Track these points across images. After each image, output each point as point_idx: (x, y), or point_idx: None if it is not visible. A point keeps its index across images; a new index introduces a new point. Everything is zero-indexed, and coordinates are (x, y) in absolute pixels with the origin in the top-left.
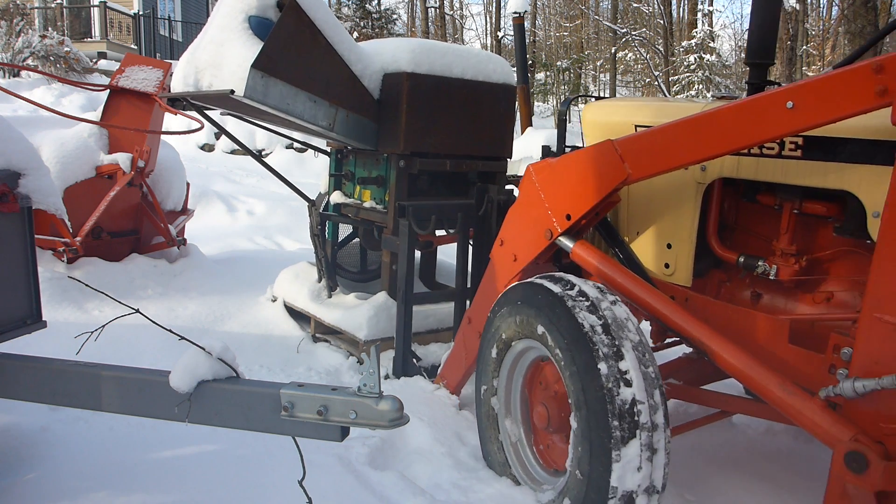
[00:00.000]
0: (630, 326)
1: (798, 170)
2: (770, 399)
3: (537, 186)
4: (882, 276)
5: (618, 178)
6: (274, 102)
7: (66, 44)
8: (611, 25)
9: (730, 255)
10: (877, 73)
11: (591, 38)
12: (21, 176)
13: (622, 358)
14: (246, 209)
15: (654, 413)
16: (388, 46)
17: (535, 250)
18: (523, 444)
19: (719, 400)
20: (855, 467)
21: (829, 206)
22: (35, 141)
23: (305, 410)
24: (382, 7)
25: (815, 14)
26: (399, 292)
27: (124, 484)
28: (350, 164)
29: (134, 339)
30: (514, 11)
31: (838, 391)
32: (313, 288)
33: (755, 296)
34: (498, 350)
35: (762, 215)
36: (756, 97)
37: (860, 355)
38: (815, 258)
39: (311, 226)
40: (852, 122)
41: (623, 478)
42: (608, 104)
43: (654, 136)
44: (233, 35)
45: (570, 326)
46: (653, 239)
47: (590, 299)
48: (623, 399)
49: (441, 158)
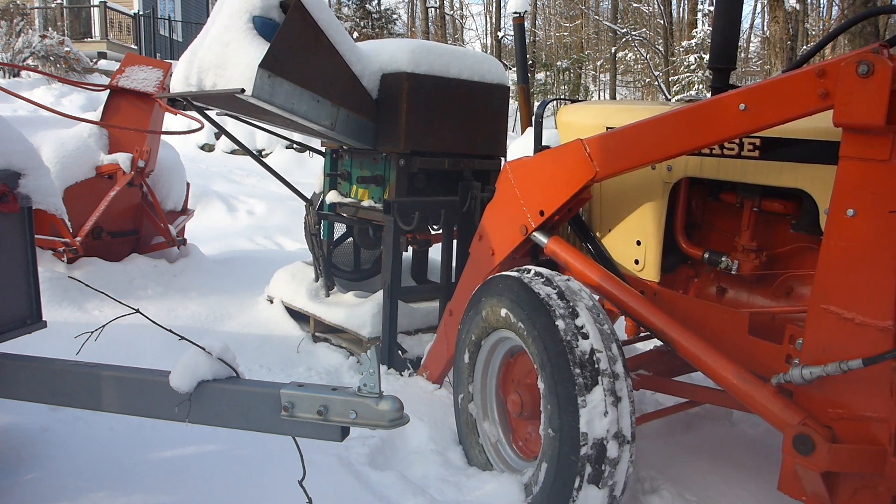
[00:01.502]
0: (584, 295)
1: (756, 169)
2: (726, 386)
3: (513, 183)
4: (827, 268)
5: (587, 175)
6: (280, 102)
7: (66, 44)
8: (611, 25)
9: (696, 252)
10: (819, 77)
11: (591, 38)
12: (21, 176)
13: (577, 316)
14: (246, 209)
15: (613, 363)
16: (387, 47)
17: (511, 245)
18: (503, 443)
19: (686, 390)
20: (802, 450)
21: (786, 203)
22: (35, 141)
23: (305, 410)
24: (382, 7)
25: (815, 14)
26: (384, 285)
27: (124, 484)
28: (346, 164)
29: (134, 339)
30: (514, 11)
31: (788, 378)
32: (311, 287)
33: (720, 290)
34: (469, 353)
35: (725, 213)
36: (712, 100)
37: (809, 344)
38: (774, 254)
39: (309, 225)
40: (804, 124)
41: (591, 423)
42: (581, 107)
43: (620, 136)
44: (237, 35)
45: (528, 298)
46: (623, 236)
47: (545, 276)
48: (582, 350)
49: (439, 157)
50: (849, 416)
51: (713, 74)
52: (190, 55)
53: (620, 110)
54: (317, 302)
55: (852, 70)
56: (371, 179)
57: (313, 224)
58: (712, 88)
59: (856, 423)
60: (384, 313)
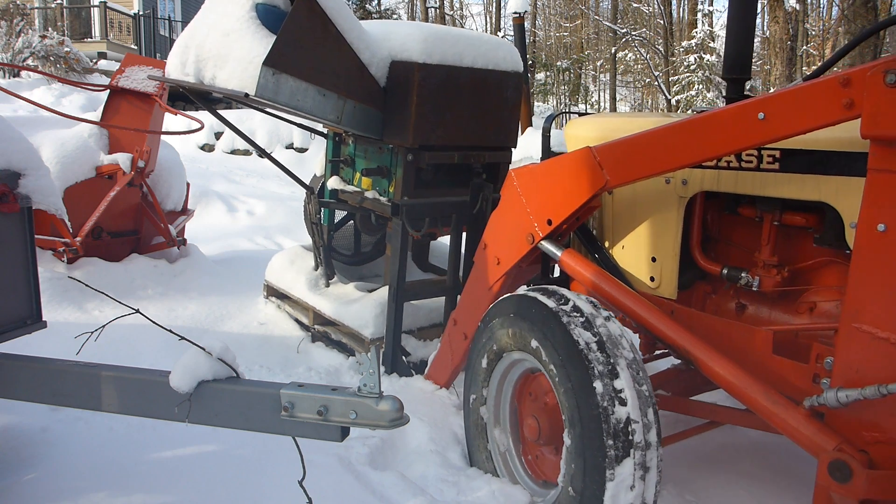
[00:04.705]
0: (624, 343)
1: (776, 182)
2: (755, 408)
3: (518, 191)
4: (859, 286)
5: (597, 184)
6: (284, 99)
7: (66, 44)
8: (611, 25)
9: (713, 268)
10: (844, 86)
11: (591, 38)
12: (21, 176)
13: (617, 376)
14: (246, 209)
15: (647, 431)
16: (399, 32)
17: (517, 254)
18: (512, 454)
19: (708, 410)
20: (839, 477)
21: (808, 217)
22: (35, 141)
23: (305, 410)
24: (382, 7)
25: (815, 14)
26: (391, 290)
27: (124, 484)
28: (350, 150)
29: (134, 339)
30: (514, 11)
31: (822, 401)
32: (310, 276)
33: (739, 307)
34: (489, 360)
35: (744, 227)
36: (730, 107)
37: (841, 365)
38: (796, 269)
39: (310, 213)
40: (826, 134)
41: (616, 496)
42: (590, 120)
43: (632, 143)
44: (239, 25)
45: (565, 343)
46: (637, 252)
47: (584, 315)
48: (618, 418)
49: (449, 151)
50: (886, 439)
51: (727, 85)
52: (187, 38)
53: (633, 123)
54: (316, 293)
55: (880, 80)
56: (376, 171)
57: (314, 212)
58: (727, 99)
59: (894, 447)
60: (388, 318)
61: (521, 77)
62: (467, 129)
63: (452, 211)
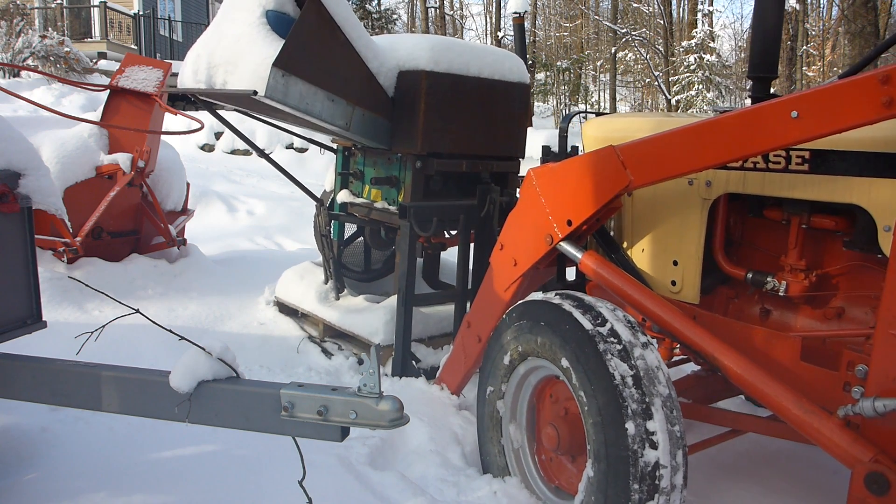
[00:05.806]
0: (661, 378)
1: (805, 184)
2: (786, 417)
3: (538, 191)
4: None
5: (620, 184)
6: (294, 102)
7: (66, 44)
8: (611, 25)
9: (737, 272)
10: (883, 83)
11: (591, 38)
12: (21, 176)
13: (651, 417)
14: (246, 209)
15: (674, 474)
16: (406, 43)
17: (535, 255)
18: (525, 452)
19: (730, 418)
20: (876, 489)
21: (838, 220)
22: (35, 141)
23: (305, 411)
24: (382, 7)
25: (816, 14)
26: (399, 294)
27: (124, 484)
28: (359, 163)
29: (134, 339)
30: (514, 11)
31: (857, 410)
32: (320, 290)
33: (764, 312)
34: (511, 359)
35: (770, 230)
36: (760, 106)
37: (876, 373)
38: (824, 273)
39: (320, 226)
40: (858, 134)
41: None
42: (609, 120)
43: (657, 142)
44: (250, 30)
45: (598, 373)
46: (658, 256)
47: (622, 343)
48: (646, 461)
49: (457, 159)
50: None
51: (753, 84)
52: (200, 49)
53: (653, 123)
54: (326, 305)
55: None
56: (385, 180)
57: (324, 225)
58: (753, 98)
59: None
60: (398, 322)
61: (527, 88)
62: (475, 137)
63: (460, 213)
